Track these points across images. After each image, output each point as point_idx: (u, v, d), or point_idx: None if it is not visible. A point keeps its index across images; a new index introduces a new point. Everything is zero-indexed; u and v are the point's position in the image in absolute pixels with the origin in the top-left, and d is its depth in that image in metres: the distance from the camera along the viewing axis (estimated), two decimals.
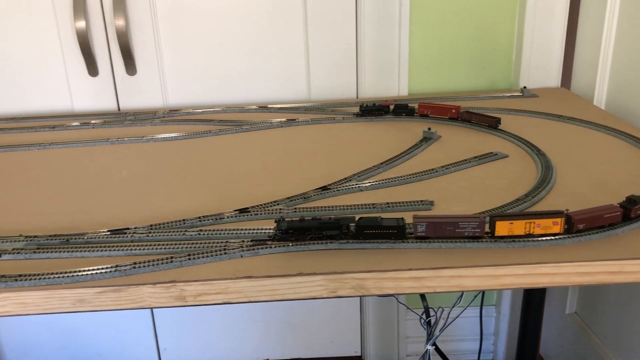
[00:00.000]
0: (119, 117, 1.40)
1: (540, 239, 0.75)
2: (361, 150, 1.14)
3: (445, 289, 0.73)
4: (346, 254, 0.76)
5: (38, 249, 0.80)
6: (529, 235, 0.75)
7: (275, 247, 0.77)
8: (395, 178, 0.97)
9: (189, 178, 1.05)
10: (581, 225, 0.75)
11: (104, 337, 1.79)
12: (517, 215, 0.75)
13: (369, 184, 0.95)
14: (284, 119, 1.33)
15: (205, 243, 0.80)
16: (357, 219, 0.77)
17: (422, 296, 1.08)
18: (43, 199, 0.98)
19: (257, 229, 0.82)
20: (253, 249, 0.77)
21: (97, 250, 0.79)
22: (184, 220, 0.86)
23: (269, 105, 1.46)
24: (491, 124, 1.20)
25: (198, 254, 0.77)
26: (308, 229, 0.77)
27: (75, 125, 1.37)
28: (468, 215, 0.76)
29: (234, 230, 0.82)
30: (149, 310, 1.76)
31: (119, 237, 0.83)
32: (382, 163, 1.03)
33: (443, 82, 1.53)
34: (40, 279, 0.73)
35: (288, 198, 0.92)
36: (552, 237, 0.75)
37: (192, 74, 1.52)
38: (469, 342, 1.75)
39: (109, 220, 0.88)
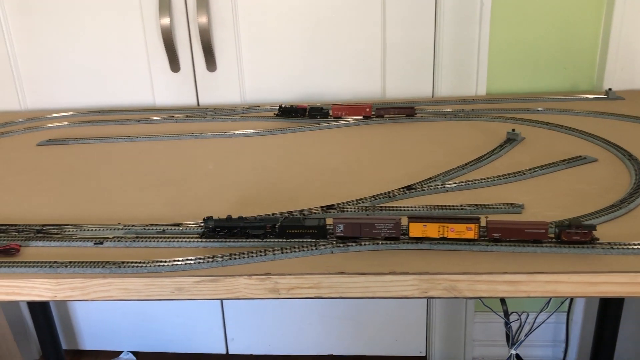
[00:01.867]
0: (200, 113, 1.44)
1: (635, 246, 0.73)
2: (442, 150, 1.13)
3: (540, 294, 0.72)
4: (437, 254, 0.76)
5: (137, 237, 0.84)
6: (443, 239, 0.76)
7: (365, 244, 0.78)
8: (481, 179, 0.96)
9: (273, 174, 1.07)
10: (497, 235, 0.74)
11: (175, 325, 1.85)
12: (431, 218, 0.76)
13: (454, 184, 0.95)
14: (361, 117, 1.33)
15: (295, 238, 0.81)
16: (281, 220, 0.82)
17: (502, 300, 1.07)
18: (136, 189, 1.03)
19: None
20: (343, 246, 0.78)
21: (193, 241, 0.82)
22: (273, 214, 0.88)
23: (344, 103, 1.46)
24: (408, 113, 1.29)
25: (290, 248, 0.78)
26: (234, 228, 0.81)
27: (159, 120, 1.42)
28: (384, 217, 0.77)
29: None
30: (218, 300, 1.80)
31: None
32: (466, 164, 1.02)
33: (523, 83, 1.50)
34: (142, 266, 0.76)
35: (373, 196, 0.92)
36: None
37: (269, 71, 1.55)
38: (539, 348, 1.71)
39: (200, 212, 0.91)
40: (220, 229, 0.82)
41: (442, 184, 0.95)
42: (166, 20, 1.47)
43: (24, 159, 1.21)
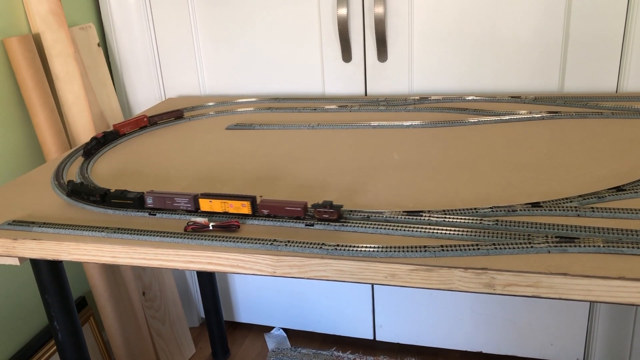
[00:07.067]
0: (372, 102, 1.47)
1: None
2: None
3: None
4: None
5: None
6: (226, 213, 0.92)
7: (584, 246, 0.75)
8: None
9: (460, 166, 1.06)
10: (265, 211, 0.89)
11: (326, 306, 1.92)
12: (215, 195, 0.92)
13: None
14: (546, 112, 1.28)
15: (503, 234, 0.81)
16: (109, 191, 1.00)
17: None
18: (331, 174, 1.06)
19: (559, 225, 0.81)
20: (561, 246, 0.76)
21: (400, 229, 0.84)
22: (475, 208, 0.87)
23: (522, 96, 1.42)
24: (176, 116, 1.48)
25: (503, 244, 0.77)
26: (87, 193, 1.01)
27: (333, 108, 1.46)
28: (182, 193, 0.94)
29: (531, 224, 0.82)
30: (369, 286, 1.84)
31: (414, 218, 0.87)
32: None
33: None
34: (357, 250, 0.79)
35: (580, 196, 0.89)
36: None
37: (439, 62, 1.53)
38: None
39: (397, 201, 0.93)
40: (76, 193, 1.03)
41: None
42: (343, 11, 1.51)
43: (217, 141, 1.29)
